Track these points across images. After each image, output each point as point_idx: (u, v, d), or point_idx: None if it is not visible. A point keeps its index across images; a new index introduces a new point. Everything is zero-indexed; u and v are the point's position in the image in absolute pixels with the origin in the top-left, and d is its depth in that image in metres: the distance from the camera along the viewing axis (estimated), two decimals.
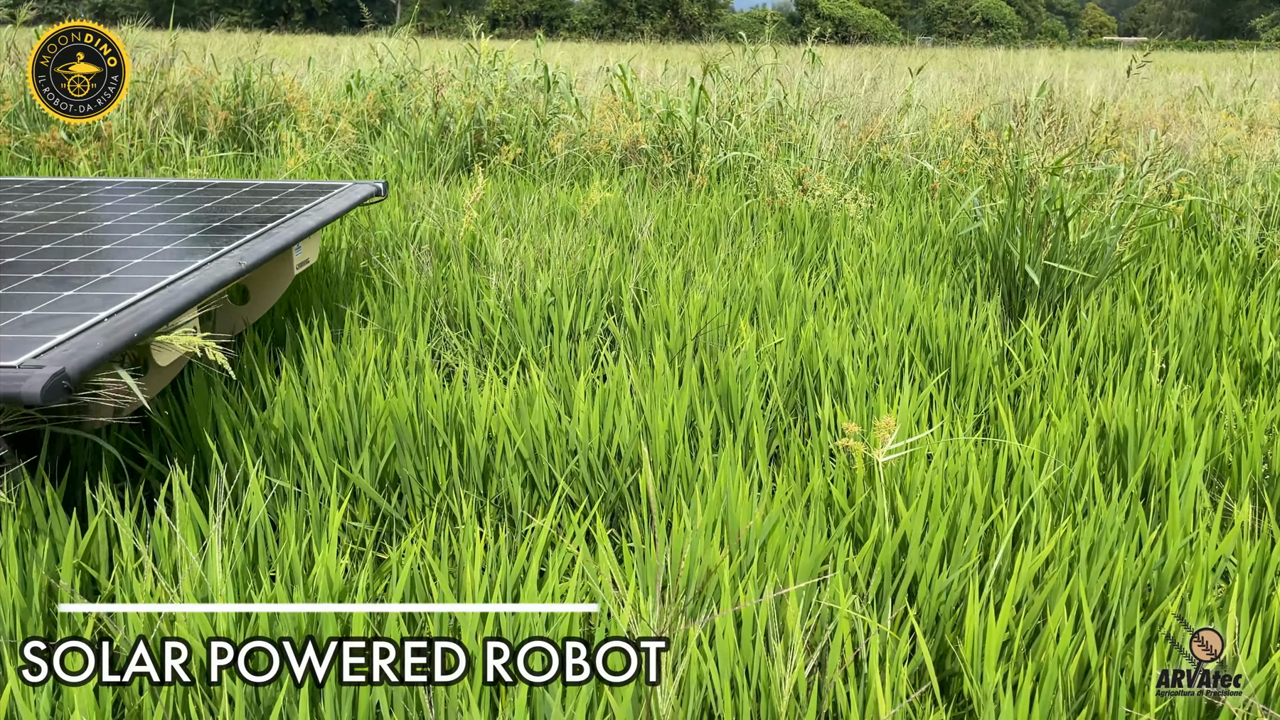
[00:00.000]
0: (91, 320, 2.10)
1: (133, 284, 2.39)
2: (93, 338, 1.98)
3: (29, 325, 2.08)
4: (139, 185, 3.75)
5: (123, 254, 2.71)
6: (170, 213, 3.26)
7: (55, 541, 2.02)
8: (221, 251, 2.72)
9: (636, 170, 6.80)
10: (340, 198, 3.50)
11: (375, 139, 7.62)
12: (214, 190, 3.68)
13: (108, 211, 3.29)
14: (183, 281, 2.41)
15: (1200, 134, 6.72)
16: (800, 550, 2.02)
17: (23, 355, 1.88)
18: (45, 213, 3.23)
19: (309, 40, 22.45)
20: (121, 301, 2.24)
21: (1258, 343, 3.50)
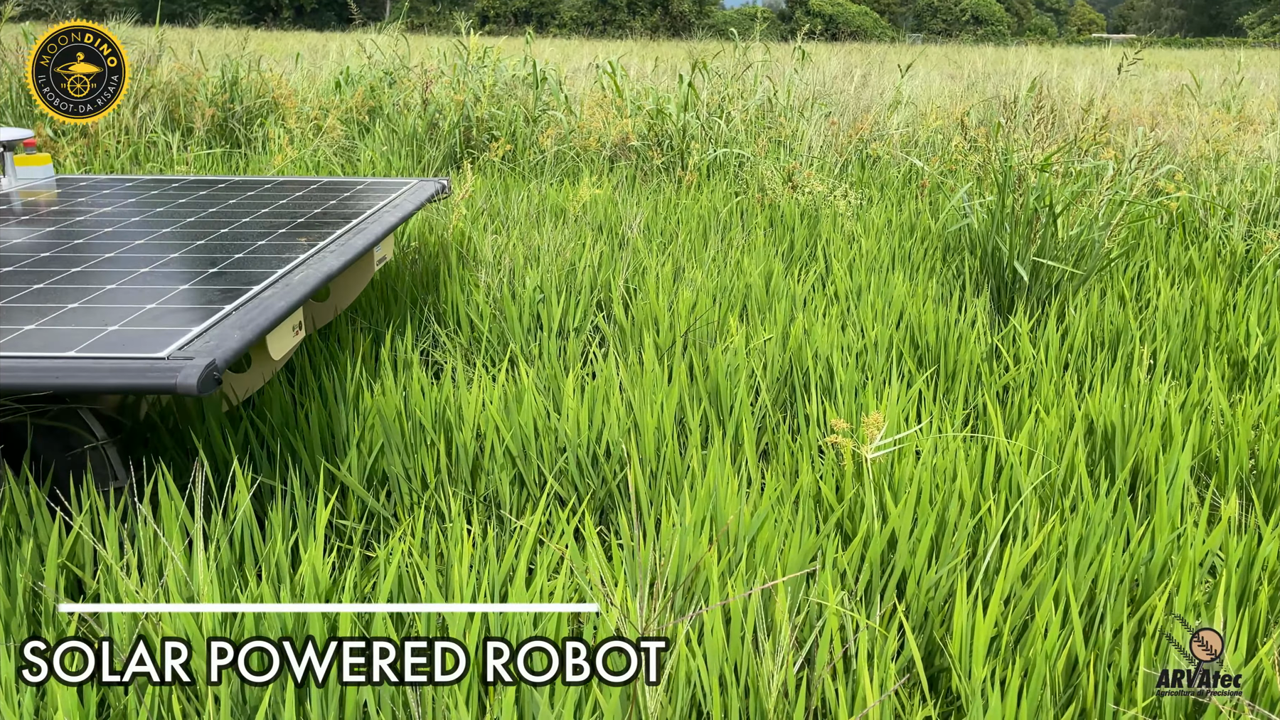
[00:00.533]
0: (220, 313, 2.13)
1: (242, 278, 2.43)
2: (229, 330, 2.02)
3: (159, 318, 2.11)
4: (206, 183, 3.78)
5: (222, 249, 2.73)
6: (249, 209, 3.28)
7: (39, 541, 2.01)
8: (318, 246, 2.75)
9: (626, 167, 6.79)
10: (412, 195, 3.53)
11: (364, 136, 7.59)
12: (283, 187, 3.70)
13: (186, 207, 3.30)
14: (295, 275, 2.45)
15: (1188, 131, 6.74)
16: (789, 547, 2.02)
17: (168, 347, 1.91)
18: (122, 210, 3.24)
19: (297, 37, 22.36)
20: (239, 294, 2.28)
21: (1245, 338, 3.51)
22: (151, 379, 1.81)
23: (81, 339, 1.98)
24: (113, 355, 1.89)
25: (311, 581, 1.85)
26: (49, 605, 1.83)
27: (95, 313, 2.15)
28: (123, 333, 2.02)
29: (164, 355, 1.88)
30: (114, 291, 2.32)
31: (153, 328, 2.06)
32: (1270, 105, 8.44)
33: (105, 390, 1.88)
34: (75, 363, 1.86)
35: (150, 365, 1.84)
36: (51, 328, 2.06)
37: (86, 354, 1.89)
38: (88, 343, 1.95)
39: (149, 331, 2.03)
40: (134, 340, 1.98)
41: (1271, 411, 2.86)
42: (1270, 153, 5.91)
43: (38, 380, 1.84)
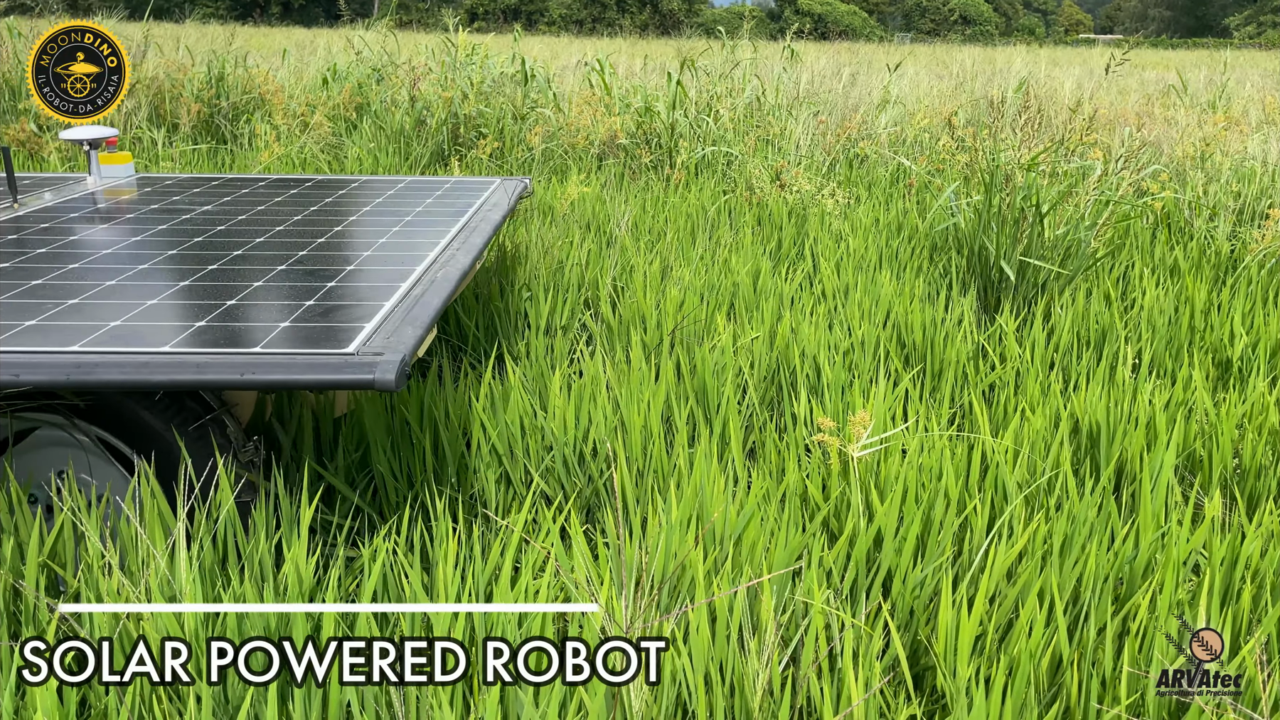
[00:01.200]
0: (384, 310, 2.13)
1: (383, 274, 2.43)
2: (401, 326, 2.01)
3: (327, 314, 2.10)
4: (293, 181, 3.78)
5: (347, 246, 2.72)
6: (350, 207, 3.28)
7: (20, 539, 1.99)
8: (442, 244, 2.74)
9: (614, 165, 6.79)
10: (503, 194, 3.54)
11: (351, 132, 7.56)
12: (369, 185, 3.70)
13: (287, 206, 3.30)
14: (439, 272, 2.45)
15: (1175, 131, 6.77)
16: (775, 545, 2.02)
17: (350, 343, 1.90)
18: (223, 208, 3.24)
19: (285, 33, 22.25)
20: (389, 290, 2.28)
21: (1229, 338, 3.53)
22: (349, 374, 1.80)
23: (257, 335, 1.96)
24: (305, 351, 1.87)
25: (295, 580, 1.84)
26: (29, 603, 1.82)
27: (255, 310, 2.13)
28: (295, 329, 2.00)
29: (353, 351, 1.86)
30: (263, 289, 2.29)
31: (322, 324, 2.04)
32: (1256, 105, 8.49)
33: (302, 386, 1.86)
34: (272, 358, 1.83)
35: (344, 361, 1.82)
36: (222, 324, 2.03)
37: (275, 350, 1.87)
38: (267, 339, 1.93)
39: (321, 328, 2.01)
40: (310, 336, 1.96)
41: (1255, 411, 2.87)
42: (1255, 153, 5.95)
43: (234, 376, 1.81)
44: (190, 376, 1.81)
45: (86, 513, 1.91)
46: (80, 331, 1.99)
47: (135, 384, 1.83)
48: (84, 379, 1.79)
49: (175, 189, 3.55)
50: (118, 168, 3.69)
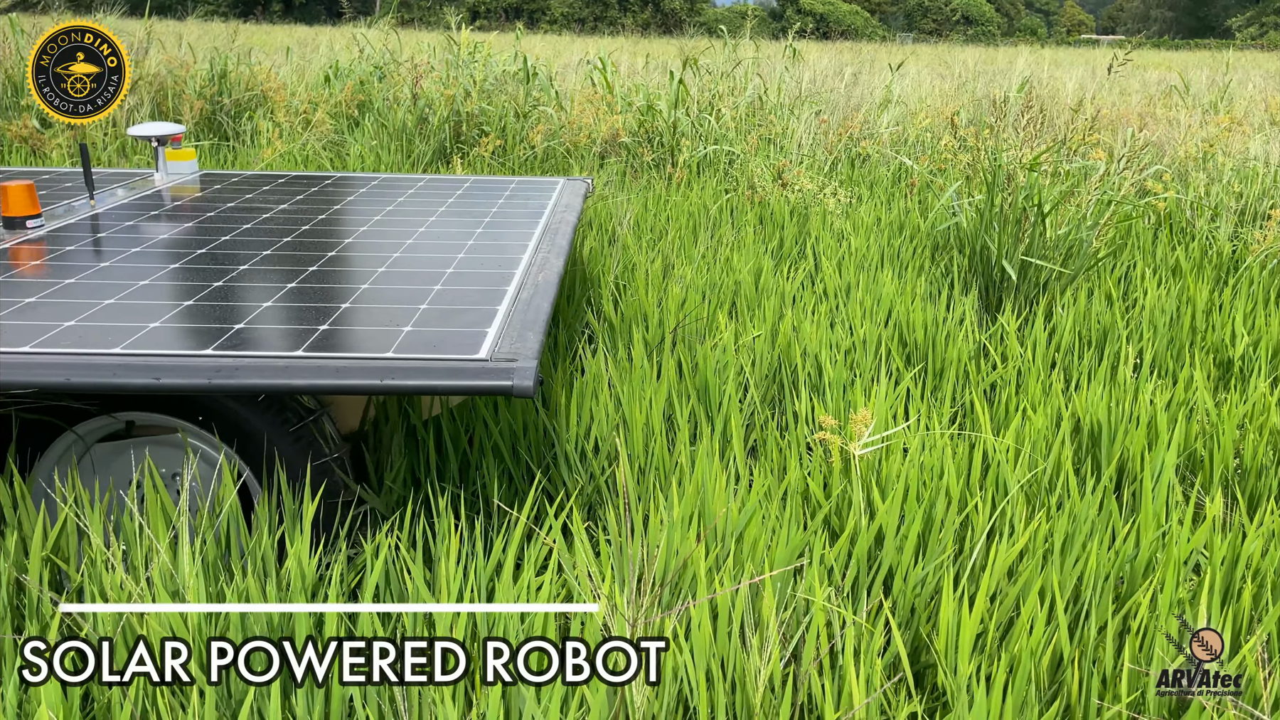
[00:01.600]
0: (501, 313, 2.12)
1: (482, 277, 2.41)
2: (522, 330, 2.01)
3: (444, 319, 2.08)
4: (359, 179, 3.77)
5: (436, 248, 2.70)
6: (425, 207, 3.27)
7: (24, 534, 1.99)
8: (532, 246, 2.73)
9: (616, 163, 6.79)
10: (571, 194, 3.55)
11: (353, 130, 7.56)
12: (434, 185, 3.69)
13: (360, 206, 3.28)
14: (539, 275, 2.44)
15: (1177, 131, 6.77)
16: (776, 543, 2.02)
17: (479, 349, 1.89)
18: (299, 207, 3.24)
19: (287, 30, 22.26)
20: (495, 294, 2.27)
21: (1230, 338, 3.53)
22: (487, 380, 1.79)
23: (381, 340, 1.95)
24: (441, 357, 1.85)
25: (298, 576, 1.85)
26: (32, 599, 1.82)
27: (369, 314, 2.12)
28: (417, 334, 1.99)
29: (485, 357, 1.85)
30: (371, 292, 2.28)
31: (441, 329, 2.03)
32: (1258, 106, 8.49)
33: (441, 392, 1.84)
34: (411, 364, 1.82)
35: (481, 367, 1.81)
36: (344, 328, 2.02)
37: (412, 355, 1.86)
38: (396, 344, 1.92)
39: (442, 333, 2.00)
40: (434, 342, 1.94)
41: (1256, 411, 2.88)
42: (1257, 154, 5.95)
43: (374, 381, 1.79)
44: (331, 381, 1.80)
45: (90, 508, 1.92)
46: (206, 334, 1.98)
47: (277, 388, 1.82)
48: (225, 383, 1.78)
49: (244, 186, 3.55)
50: (183, 164, 3.70)
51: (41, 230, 2.82)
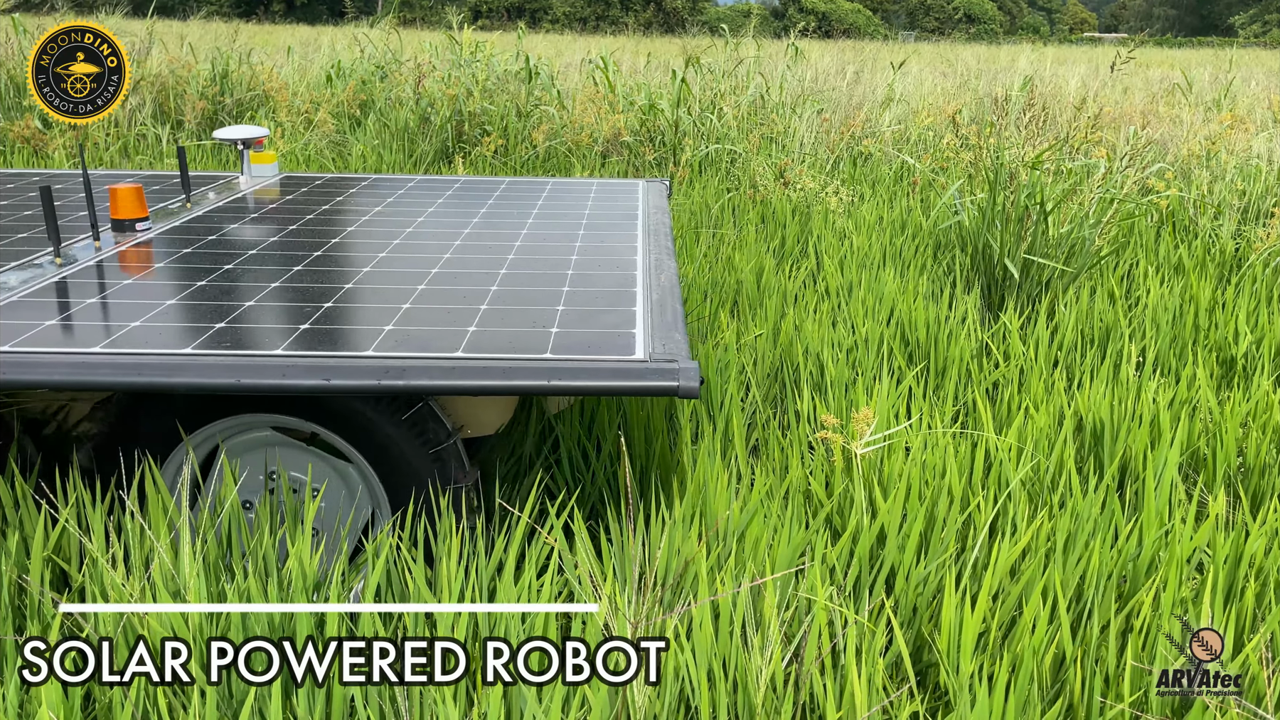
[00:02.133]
0: (640, 313, 2.13)
1: (605, 279, 2.42)
2: (668, 332, 2.01)
3: (586, 320, 2.10)
4: (441, 183, 3.77)
5: (546, 251, 2.71)
6: (518, 210, 3.28)
7: (25, 534, 1.99)
8: (640, 247, 2.74)
9: (618, 162, 6.79)
10: (655, 195, 3.55)
11: (355, 129, 7.56)
12: (516, 187, 3.70)
13: (456, 208, 3.29)
14: (661, 277, 2.45)
15: (1180, 129, 6.76)
16: (778, 542, 2.02)
17: (635, 349, 1.91)
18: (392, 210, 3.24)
19: (289, 30, 22.26)
20: (623, 296, 2.28)
21: (1233, 337, 3.52)
22: (653, 381, 1.80)
23: (534, 340, 1.96)
24: (602, 358, 1.87)
25: (299, 575, 1.84)
26: (34, 599, 1.82)
27: (513, 314, 2.12)
28: (568, 335, 2.00)
29: (644, 358, 1.86)
30: (503, 293, 2.28)
31: (587, 329, 2.03)
32: (1261, 104, 8.47)
33: (606, 392, 1.85)
34: (577, 365, 1.83)
35: (645, 368, 1.82)
36: (495, 329, 2.02)
37: (574, 356, 1.87)
38: (553, 344, 1.93)
39: (592, 334, 2.01)
40: (587, 343, 1.95)
41: (1259, 409, 2.87)
42: (1260, 152, 5.93)
43: (541, 381, 1.80)
44: (498, 381, 1.80)
45: (91, 508, 1.92)
46: (358, 336, 1.97)
47: (443, 389, 1.83)
48: (394, 383, 1.78)
49: (331, 189, 3.57)
50: (265, 167, 3.72)
51: (150, 233, 2.81)
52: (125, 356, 1.83)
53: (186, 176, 3.15)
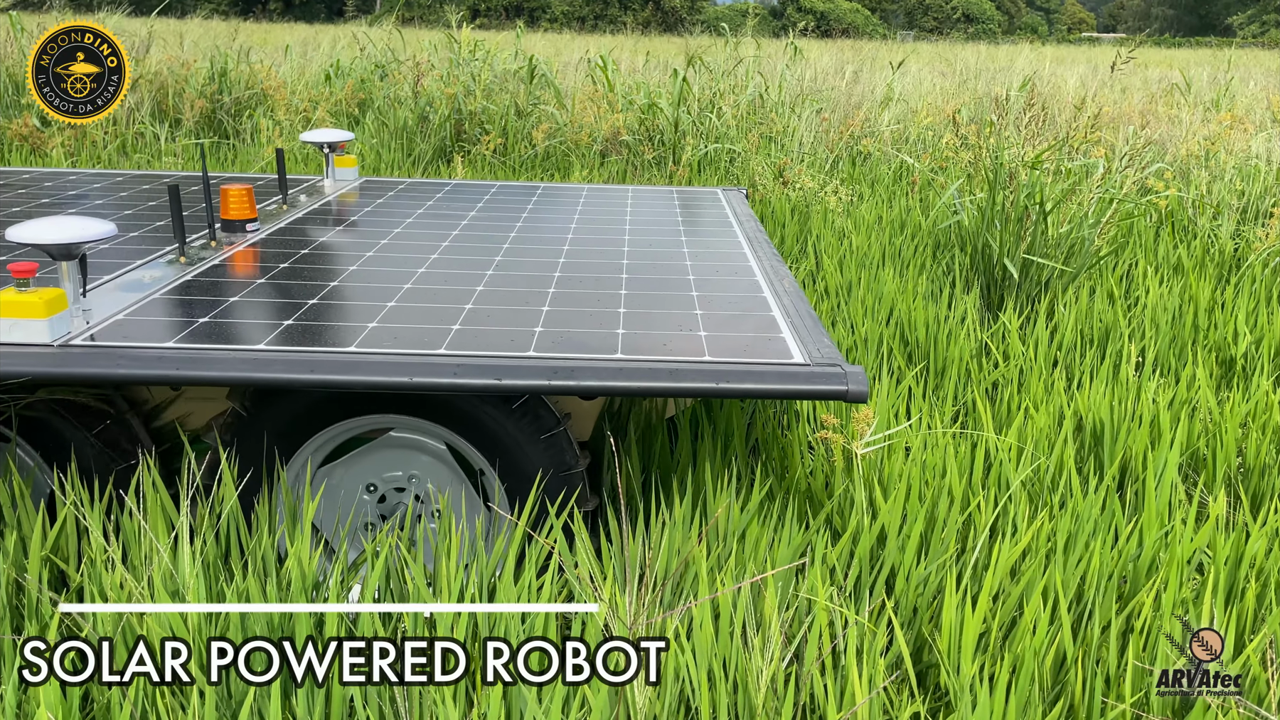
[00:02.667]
0: (779, 319, 2.14)
1: (727, 284, 2.44)
2: (817, 335, 2.02)
3: (726, 324, 2.11)
4: (524, 189, 3.78)
5: (657, 255, 2.73)
6: (610, 214, 3.29)
7: (23, 534, 1.99)
8: (748, 252, 2.75)
9: (617, 161, 6.78)
10: (740, 203, 3.57)
11: (354, 128, 7.55)
12: (598, 193, 3.72)
13: (543, 214, 3.29)
14: (784, 283, 2.47)
15: (1179, 129, 6.76)
16: (778, 542, 2.02)
17: (792, 353, 1.92)
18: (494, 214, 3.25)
19: (287, 29, 22.23)
20: (759, 300, 2.30)
21: (1233, 337, 3.52)
22: (822, 385, 1.82)
23: (688, 343, 1.97)
24: (767, 362, 1.87)
25: (298, 575, 1.84)
26: (32, 598, 1.82)
27: (658, 318, 2.14)
28: (722, 339, 2.01)
29: (805, 361, 1.87)
30: (635, 297, 2.30)
31: (734, 333, 2.04)
32: (1260, 104, 8.48)
33: (777, 395, 1.87)
34: (744, 369, 1.85)
35: (811, 372, 1.84)
36: (644, 332, 2.05)
37: (741, 360, 1.88)
38: (707, 347, 1.95)
39: (745, 337, 2.02)
40: (743, 345, 1.96)
41: (1259, 409, 2.87)
42: (1259, 152, 5.93)
43: (709, 384, 1.82)
44: (666, 383, 1.82)
45: (89, 506, 1.91)
46: (515, 336, 1.98)
47: (612, 390, 1.84)
48: (565, 383, 1.80)
49: (418, 193, 3.59)
50: (347, 170, 3.73)
51: (260, 234, 2.81)
52: (297, 354, 1.84)
53: (284, 179, 3.15)
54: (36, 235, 1.94)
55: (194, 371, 1.81)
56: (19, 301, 1.86)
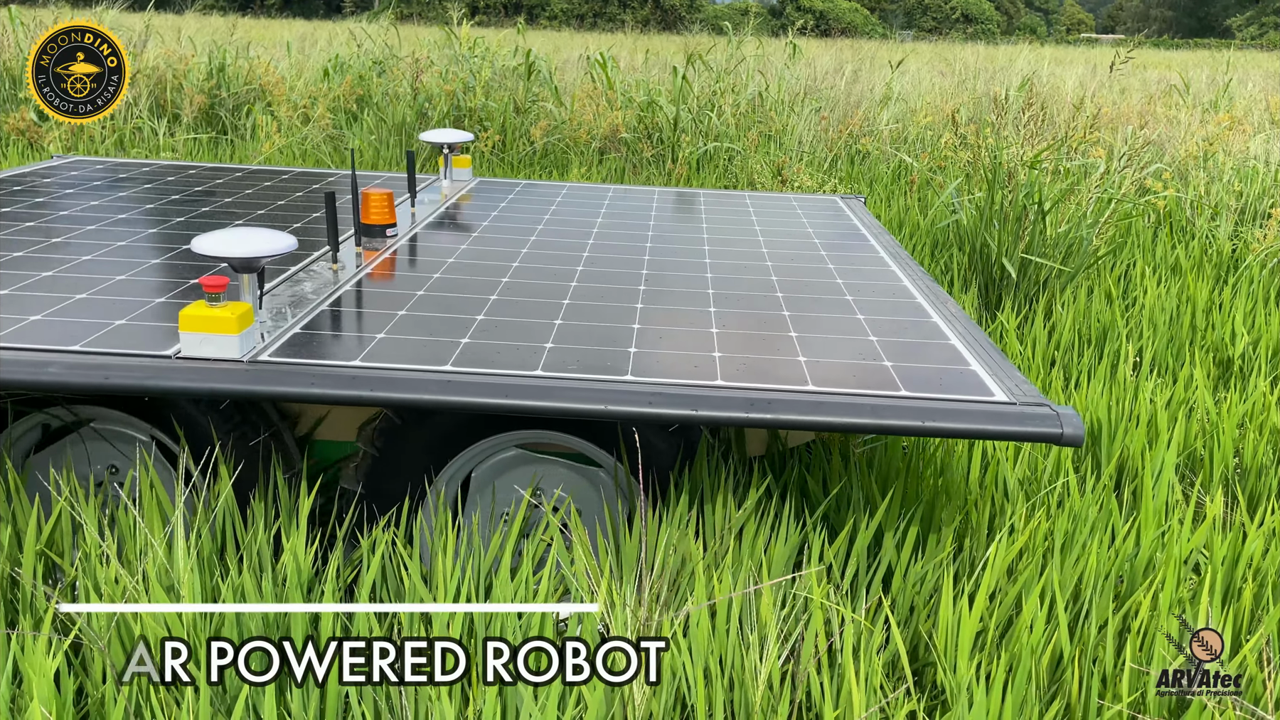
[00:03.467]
0: (960, 349, 2.10)
1: (884, 306, 2.40)
2: (1009, 370, 1.98)
3: (910, 353, 2.06)
4: (641, 192, 3.76)
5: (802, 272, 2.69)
6: (734, 220, 3.28)
7: (18, 528, 1.98)
8: (897, 270, 2.72)
9: (616, 159, 6.78)
10: (861, 211, 3.54)
11: (352, 124, 7.54)
12: (716, 199, 3.70)
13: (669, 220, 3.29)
14: (949, 306, 2.44)
15: (1177, 130, 6.76)
16: (775, 540, 2.01)
17: (990, 389, 1.86)
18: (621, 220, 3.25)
19: (286, 25, 22.19)
20: (930, 325, 2.26)
21: (1230, 337, 3.52)
22: (1034, 427, 1.74)
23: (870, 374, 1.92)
24: (966, 399, 1.81)
25: (294, 571, 1.83)
26: (26, 593, 1.81)
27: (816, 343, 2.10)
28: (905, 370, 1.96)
29: (1011, 400, 1.81)
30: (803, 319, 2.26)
31: (913, 364, 1.99)
32: (1258, 106, 8.48)
33: (990, 436, 1.79)
34: (950, 406, 1.78)
35: (1022, 413, 1.76)
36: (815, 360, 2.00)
37: (946, 397, 1.82)
38: (900, 379, 1.90)
39: (928, 370, 1.97)
40: (928, 378, 1.91)
41: (1256, 410, 2.87)
42: (1258, 153, 5.94)
43: (914, 422, 1.76)
44: (869, 420, 1.76)
45: (85, 502, 1.90)
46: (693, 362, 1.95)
47: (813, 425, 1.78)
48: (761, 416, 1.76)
49: (538, 196, 3.58)
50: (463, 171, 3.74)
51: (400, 239, 2.79)
52: (494, 379, 1.81)
53: (414, 180, 3.13)
54: (221, 248, 1.91)
55: (390, 393, 1.78)
56: (211, 316, 1.83)
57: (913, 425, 1.75)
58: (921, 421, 1.74)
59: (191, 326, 1.83)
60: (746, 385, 1.84)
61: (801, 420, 1.76)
